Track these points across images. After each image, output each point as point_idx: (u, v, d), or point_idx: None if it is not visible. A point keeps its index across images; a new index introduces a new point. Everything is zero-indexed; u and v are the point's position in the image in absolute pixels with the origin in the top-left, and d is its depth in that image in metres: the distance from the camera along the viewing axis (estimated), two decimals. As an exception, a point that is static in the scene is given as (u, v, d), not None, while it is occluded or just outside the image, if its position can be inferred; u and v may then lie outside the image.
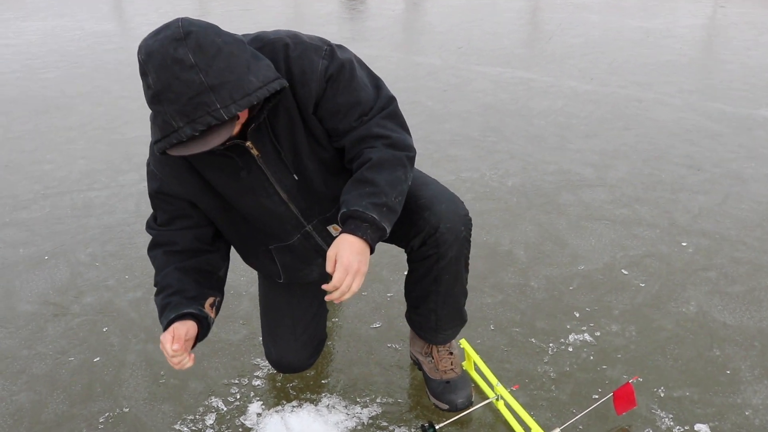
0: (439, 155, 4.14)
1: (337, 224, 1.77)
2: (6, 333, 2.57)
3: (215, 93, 1.48)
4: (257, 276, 2.25)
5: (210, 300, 1.87)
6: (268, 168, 1.77)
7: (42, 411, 2.18)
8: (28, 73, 6.54)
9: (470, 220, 1.92)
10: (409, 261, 2.00)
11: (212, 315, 1.87)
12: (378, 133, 1.75)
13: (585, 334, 2.47)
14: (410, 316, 2.14)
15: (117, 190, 3.77)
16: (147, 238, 1.96)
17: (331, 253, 1.65)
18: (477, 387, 2.23)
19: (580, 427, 2.05)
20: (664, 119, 4.78)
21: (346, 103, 1.73)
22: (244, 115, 1.64)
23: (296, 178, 1.81)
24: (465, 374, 2.18)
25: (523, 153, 4.17)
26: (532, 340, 2.45)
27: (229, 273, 2.94)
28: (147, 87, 1.52)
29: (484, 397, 2.15)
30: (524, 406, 2.13)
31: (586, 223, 3.27)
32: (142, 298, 2.75)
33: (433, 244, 1.87)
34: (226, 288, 2.81)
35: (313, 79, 1.69)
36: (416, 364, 2.27)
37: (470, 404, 2.11)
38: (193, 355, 1.75)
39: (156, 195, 1.88)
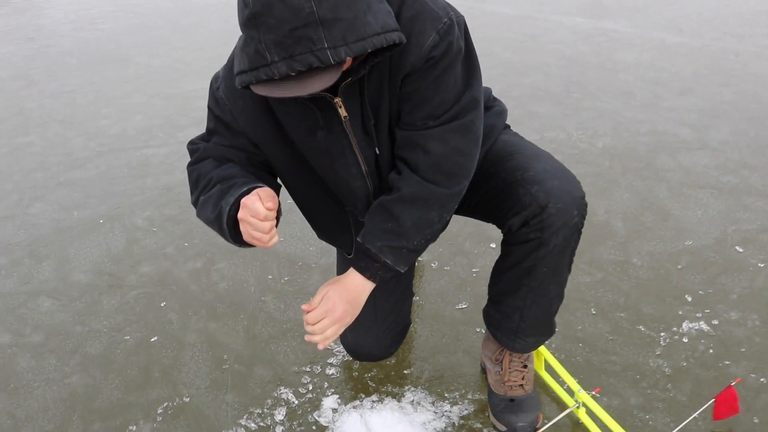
0: (520, 112, 3.78)
1: None
2: (59, 305, 2.38)
3: (325, 29, 1.20)
4: (336, 250, 1.98)
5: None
6: (355, 134, 1.49)
7: (96, 397, 1.98)
8: (84, 23, 6.35)
9: (586, 205, 1.59)
10: (503, 244, 1.69)
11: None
12: (430, 148, 1.46)
13: (701, 323, 2.14)
14: (489, 312, 1.82)
15: (176, 147, 3.55)
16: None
17: (323, 288, 1.53)
18: (551, 392, 1.93)
19: (709, 438, 1.75)
20: (767, 74, 4.31)
21: (424, 95, 1.43)
22: (347, 63, 1.35)
23: (377, 152, 1.54)
24: (535, 395, 1.85)
25: (612, 111, 3.79)
26: (641, 327, 2.14)
27: (297, 242, 2.74)
28: (244, 5, 1.23)
29: (561, 405, 1.87)
30: (636, 407, 1.85)
31: (689, 191, 2.91)
32: (203, 269, 2.53)
33: (536, 226, 1.55)
34: (293, 259, 2.60)
35: (416, 52, 1.38)
36: (483, 371, 1.97)
37: (534, 431, 1.78)
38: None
39: (218, 121, 1.58)
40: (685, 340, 2.08)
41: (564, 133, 3.52)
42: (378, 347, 1.93)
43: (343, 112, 1.44)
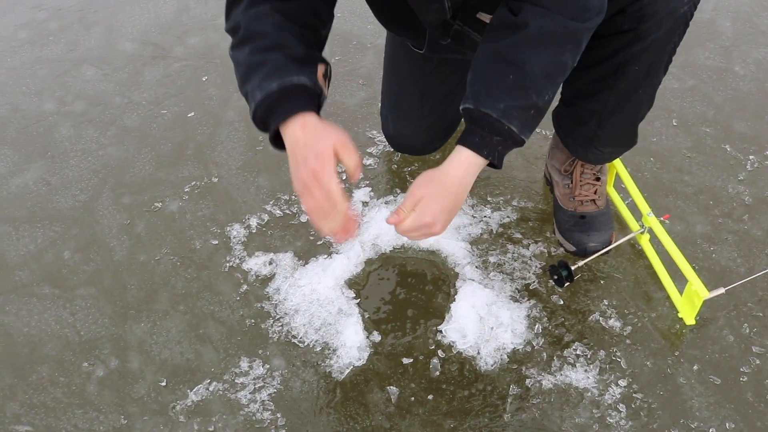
0: None
1: (486, 12, 1.27)
2: (102, 75, 2.28)
3: None
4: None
5: (321, 68, 1.23)
6: None
7: (127, 171, 1.92)
8: None
9: None
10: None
11: (325, 91, 1.24)
12: None
13: (802, 145, 1.84)
14: (560, 114, 1.55)
15: None
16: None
17: (416, 191, 1.18)
18: (615, 211, 1.70)
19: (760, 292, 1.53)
20: None
21: None
22: None
23: None
24: (608, 211, 1.62)
25: None
26: (726, 147, 1.86)
27: (354, 18, 2.49)
28: None
29: (626, 229, 1.66)
30: (701, 236, 1.63)
31: (826, -15, 2.42)
32: (251, 45, 2.35)
33: (634, 15, 1.24)
34: (348, 37, 2.37)
35: None
36: (549, 184, 1.74)
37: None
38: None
39: None
40: (777, 165, 1.80)
41: None
42: (420, 140, 1.75)
43: None
